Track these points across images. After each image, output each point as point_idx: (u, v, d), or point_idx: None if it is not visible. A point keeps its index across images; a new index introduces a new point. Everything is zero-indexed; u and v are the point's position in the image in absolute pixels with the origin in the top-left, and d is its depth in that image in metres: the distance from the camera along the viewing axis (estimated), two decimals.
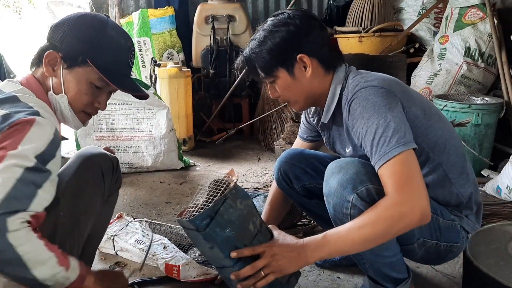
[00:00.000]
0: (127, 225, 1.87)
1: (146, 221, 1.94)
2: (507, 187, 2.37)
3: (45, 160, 1.00)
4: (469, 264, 1.28)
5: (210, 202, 1.14)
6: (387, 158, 1.16)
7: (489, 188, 2.51)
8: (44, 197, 0.99)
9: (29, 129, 1.00)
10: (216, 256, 1.17)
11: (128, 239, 1.80)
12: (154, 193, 2.60)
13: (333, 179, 1.28)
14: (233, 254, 1.16)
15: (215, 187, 1.19)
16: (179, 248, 1.75)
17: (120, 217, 1.94)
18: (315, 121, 1.53)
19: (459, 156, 1.38)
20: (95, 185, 1.27)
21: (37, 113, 1.05)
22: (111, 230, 1.84)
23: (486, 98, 2.85)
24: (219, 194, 1.16)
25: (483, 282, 1.22)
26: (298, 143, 1.71)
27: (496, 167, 2.71)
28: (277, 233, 1.29)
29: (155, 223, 2.02)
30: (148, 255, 1.71)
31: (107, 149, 1.39)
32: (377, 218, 1.15)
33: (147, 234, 1.81)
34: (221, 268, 1.22)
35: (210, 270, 1.62)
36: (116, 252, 1.80)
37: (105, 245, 1.81)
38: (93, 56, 1.18)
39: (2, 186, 0.93)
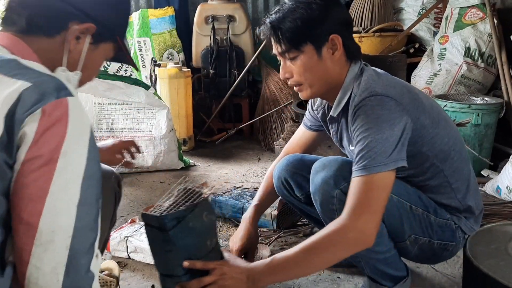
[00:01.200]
0: (140, 228, 1.86)
1: None
2: (507, 187, 2.37)
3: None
4: (469, 264, 1.28)
5: (175, 207, 1.10)
6: (364, 173, 1.18)
7: (489, 188, 2.51)
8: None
9: (67, 124, 0.79)
10: (169, 262, 1.13)
11: (143, 238, 1.78)
12: (154, 193, 2.60)
13: (317, 177, 1.32)
14: (186, 264, 1.11)
15: (184, 194, 1.15)
16: None
17: (133, 221, 1.93)
18: (320, 114, 1.51)
19: (462, 161, 1.39)
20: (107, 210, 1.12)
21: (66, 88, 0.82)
22: (124, 232, 1.82)
23: (486, 98, 2.85)
24: (190, 201, 1.13)
25: (483, 282, 1.22)
26: (301, 131, 1.67)
27: (496, 167, 2.71)
28: (227, 255, 1.27)
29: None
30: None
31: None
32: (324, 243, 1.18)
33: None
34: (167, 276, 1.17)
35: None
36: (128, 255, 1.78)
37: (117, 248, 1.79)
38: (124, 33, 1.04)
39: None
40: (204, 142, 3.64)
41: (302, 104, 2.95)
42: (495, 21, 3.03)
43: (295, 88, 1.36)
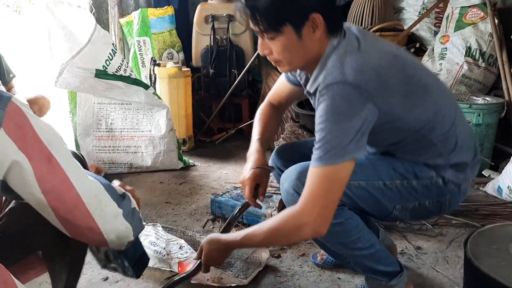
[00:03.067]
0: None
1: (159, 225, 1.90)
2: (508, 187, 2.36)
3: None
4: (470, 264, 1.27)
5: None
6: (318, 164, 1.19)
7: (490, 188, 2.50)
8: None
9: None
10: None
11: (142, 240, 1.77)
12: (154, 193, 2.59)
13: (282, 190, 1.39)
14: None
15: None
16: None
17: None
18: (302, 80, 1.42)
19: (450, 124, 1.33)
20: None
21: None
22: None
23: (487, 98, 2.84)
24: None
25: (484, 283, 1.22)
26: (282, 81, 1.59)
27: (497, 167, 2.71)
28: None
29: (169, 227, 2.00)
30: (163, 253, 1.70)
31: (97, 169, 1.39)
32: (279, 227, 1.26)
33: (161, 237, 1.79)
34: None
35: (224, 274, 1.61)
36: None
37: None
38: None
39: None
40: (204, 142, 3.63)
41: (302, 104, 2.94)
42: (496, 21, 3.03)
43: (273, 63, 1.33)
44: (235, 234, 1.36)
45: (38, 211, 0.90)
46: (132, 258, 1.41)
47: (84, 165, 1.29)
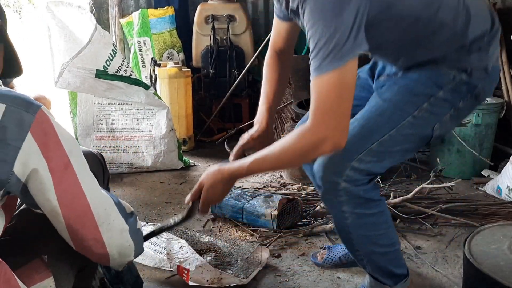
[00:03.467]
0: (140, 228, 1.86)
1: (160, 225, 1.90)
2: (507, 187, 2.36)
3: None
4: (470, 264, 1.28)
5: None
6: (318, 73, 1.08)
7: (489, 188, 2.51)
8: None
9: None
10: None
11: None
12: (154, 193, 2.60)
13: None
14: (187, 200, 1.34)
15: None
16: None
17: None
18: (283, 6, 1.31)
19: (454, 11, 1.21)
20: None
21: None
22: None
23: (487, 98, 2.84)
24: None
25: (483, 282, 1.22)
26: (275, 22, 1.52)
27: (497, 167, 2.71)
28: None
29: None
30: (164, 252, 1.70)
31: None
32: (294, 145, 1.15)
33: (162, 237, 1.79)
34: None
35: (224, 274, 1.61)
36: None
37: None
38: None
39: None
40: (204, 142, 3.64)
41: (302, 104, 2.95)
42: None
43: None
44: (241, 162, 1.24)
45: (50, 219, 0.92)
46: (128, 283, 1.44)
47: (103, 164, 1.34)
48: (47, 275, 0.94)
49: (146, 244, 1.76)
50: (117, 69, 2.74)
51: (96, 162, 1.29)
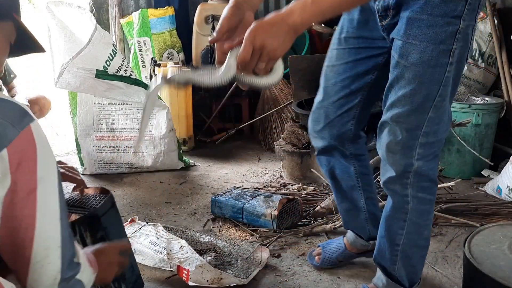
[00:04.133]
0: (140, 228, 1.86)
1: (160, 225, 1.89)
2: (507, 187, 2.36)
3: None
4: (470, 264, 1.28)
5: None
6: None
7: (489, 188, 2.51)
8: None
9: None
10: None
11: (142, 241, 1.78)
12: (154, 193, 2.60)
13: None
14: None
15: None
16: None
17: (132, 221, 1.93)
18: None
19: None
20: None
21: None
22: None
23: (487, 98, 2.84)
24: None
25: (483, 282, 1.22)
26: None
27: (497, 167, 2.71)
28: None
29: (169, 227, 1.99)
30: (164, 252, 1.70)
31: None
32: None
33: (162, 237, 1.79)
34: None
35: (224, 274, 1.61)
36: None
37: None
38: (19, 10, 1.00)
39: None
40: (204, 142, 3.64)
41: (302, 104, 2.95)
42: (496, 21, 3.03)
43: None
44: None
45: None
46: (129, 282, 1.44)
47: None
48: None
49: (146, 244, 1.76)
50: (117, 69, 2.74)
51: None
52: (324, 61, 1.42)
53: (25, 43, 1.01)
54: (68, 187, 1.29)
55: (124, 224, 1.87)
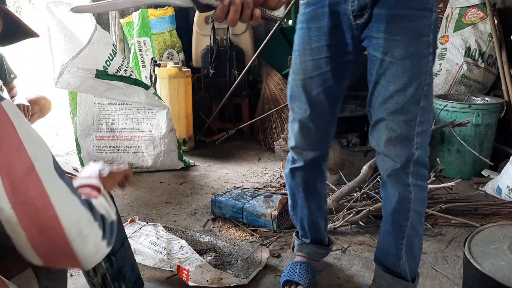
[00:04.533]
0: (140, 228, 1.86)
1: (160, 225, 1.89)
2: (507, 187, 2.36)
3: None
4: (469, 264, 1.28)
5: None
6: None
7: (489, 188, 2.51)
8: None
9: None
10: None
11: (142, 241, 1.78)
12: (154, 193, 2.60)
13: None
14: None
15: None
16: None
17: (132, 221, 1.93)
18: None
19: None
20: None
21: None
22: None
23: (487, 98, 2.85)
24: None
25: (483, 282, 1.22)
26: None
27: (497, 167, 2.71)
28: None
29: (169, 227, 2.00)
30: (164, 252, 1.70)
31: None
32: None
33: (162, 237, 1.79)
34: None
35: (224, 274, 1.61)
36: None
37: None
38: None
39: None
40: (204, 142, 3.64)
41: None
42: (496, 21, 3.03)
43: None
44: None
45: (9, 233, 0.79)
46: (129, 281, 1.44)
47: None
48: (25, 267, 0.91)
49: (146, 244, 1.76)
50: (117, 69, 2.74)
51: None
52: (295, 75, 1.39)
53: (15, 31, 0.98)
54: None
55: (124, 224, 1.88)
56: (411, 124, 1.26)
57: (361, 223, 2.02)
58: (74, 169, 2.97)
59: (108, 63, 2.70)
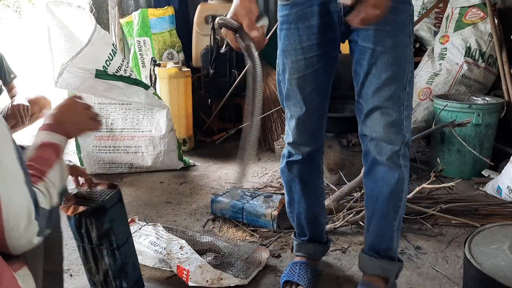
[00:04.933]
0: (140, 228, 1.85)
1: (160, 225, 1.89)
2: (507, 187, 2.36)
3: None
4: (470, 264, 1.27)
5: None
6: None
7: (489, 188, 2.50)
8: None
9: None
10: None
11: (141, 241, 1.77)
12: (154, 193, 2.59)
13: None
14: None
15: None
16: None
17: (132, 221, 1.92)
18: None
19: None
20: None
21: None
22: None
23: (487, 98, 2.84)
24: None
25: (484, 283, 1.22)
26: None
27: (497, 167, 2.71)
28: None
29: (169, 227, 1.99)
30: (164, 252, 1.70)
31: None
32: None
33: (162, 237, 1.79)
34: None
35: (224, 274, 1.61)
36: None
37: None
38: None
39: None
40: (204, 142, 3.64)
41: None
42: (496, 21, 3.03)
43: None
44: None
45: None
46: (131, 280, 1.44)
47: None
48: (21, 265, 0.92)
49: (146, 244, 1.76)
50: (117, 69, 2.74)
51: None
52: (288, 75, 1.42)
53: None
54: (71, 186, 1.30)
55: None
56: (400, 108, 1.34)
57: (361, 223, 2.02)
58: None
59: (108, 63, 2.70)
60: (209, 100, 3.78)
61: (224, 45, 1.45)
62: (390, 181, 1.42)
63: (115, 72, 2.73)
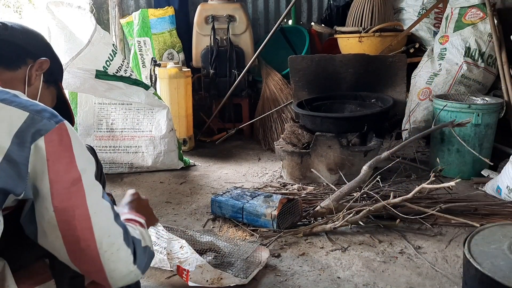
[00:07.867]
0: None
1: (160, 225, 1.88)
2: (507, 187, 2.36)
3: None
4: (469, 264, 1.28)
5: None
6: None
7: (489, 188, 2.51)
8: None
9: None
10: None
11: None
12: (154, 193, 2.60)
13: None
14: None
15: None
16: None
17: None
18: None
19: None
20: None
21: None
22: None
23: (486, 98, 2.85)
24: None
25: (483, 282, 1.22)
26: None
27: (496, 167, 2.71)
28: None
29: (169, 227, 1.99)
30: (164, 252, 1.70)
31: None
32: None
33: (162, 237, 1.79)
34: None
35: (224, 274, 1.61)
36: None
37: None
38: (61, 80, 1.22)
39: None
40: (204, 142, 3.64)
41: (302, 104, 2.95)
42: (495, 21, 3.03)
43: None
44: None
45: (49, 234, 0.85)
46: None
47: (95, 157, 1.27)
48: (48, 278, 0.93)
49: None
50: (117, 70, 2.75)
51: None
52: None
53: (61, 110, 1.06)
54: None
55: None
56: None
57: (361, 223, 2.02)
58: None
59: (108, 63, 2.71)
60: (209, 100, 3.79)
61: None
62: None
63: (115, 72, 2.74)
